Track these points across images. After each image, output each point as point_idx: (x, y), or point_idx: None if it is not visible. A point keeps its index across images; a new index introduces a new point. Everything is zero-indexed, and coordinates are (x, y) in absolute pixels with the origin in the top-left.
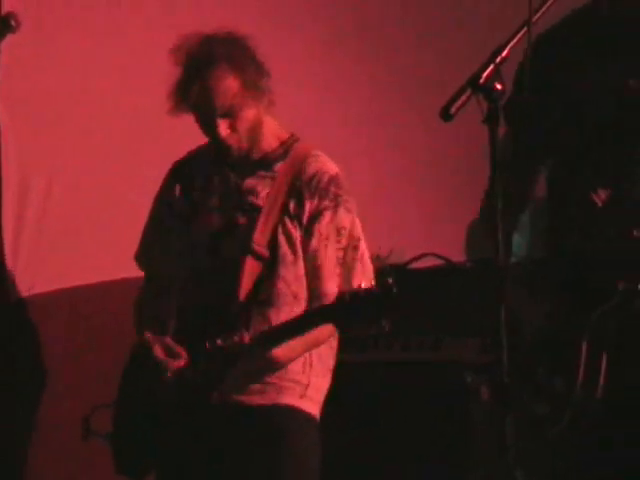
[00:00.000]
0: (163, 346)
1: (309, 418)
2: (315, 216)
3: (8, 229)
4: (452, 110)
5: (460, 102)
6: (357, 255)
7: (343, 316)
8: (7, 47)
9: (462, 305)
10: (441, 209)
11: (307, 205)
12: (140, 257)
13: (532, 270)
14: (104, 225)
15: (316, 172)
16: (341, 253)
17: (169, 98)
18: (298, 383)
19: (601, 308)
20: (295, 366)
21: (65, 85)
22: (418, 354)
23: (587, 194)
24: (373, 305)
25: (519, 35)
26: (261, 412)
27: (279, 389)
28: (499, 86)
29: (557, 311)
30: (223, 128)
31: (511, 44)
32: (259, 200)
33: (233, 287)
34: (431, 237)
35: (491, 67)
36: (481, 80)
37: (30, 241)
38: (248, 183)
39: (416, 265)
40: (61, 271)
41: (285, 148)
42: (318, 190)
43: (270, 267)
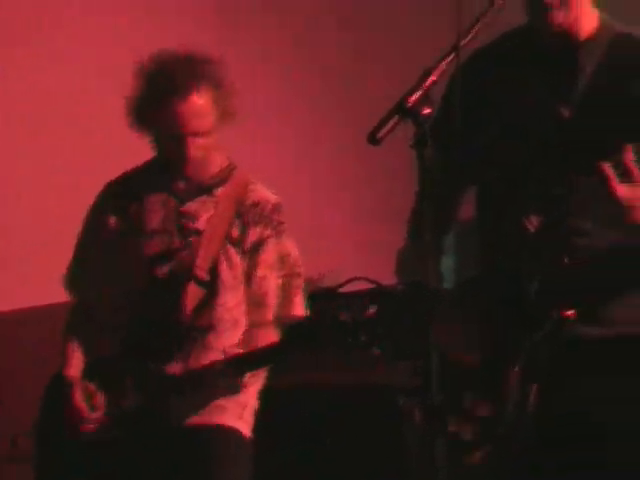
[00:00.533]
0: (84, 393)
1: (245, 439)
2: (259, 244)
3: None
4: (380, 135)
5: (388, 127)
6: (299, 282)
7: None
8: None
9: (393, 328)
10: (373, 233)
11: (250, 232)
12: (71, 278)
13: (464, 290)
14: (30, 251)
15: (259, 200)
16: (282, 280)
17: (131, 113)
18: (238, 404)
19: (533, 335)
20: None
21: None
22: (351, 377)
23: (520, 219)
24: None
25: (447, 59)
26: (203, 432)
27: (222, 410)
28: (427, 110)
29: (488, 334)
30: (193, 148)
31: (439, 68)
32: (199, 224)
33: (174, 311)
34: (363, 261)
35: (419, 91)
36: (409, 104)
37: None
38: (189, 207)
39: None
40: None
41: (225, 174)
42: (262, 218)
43: (211, 292)
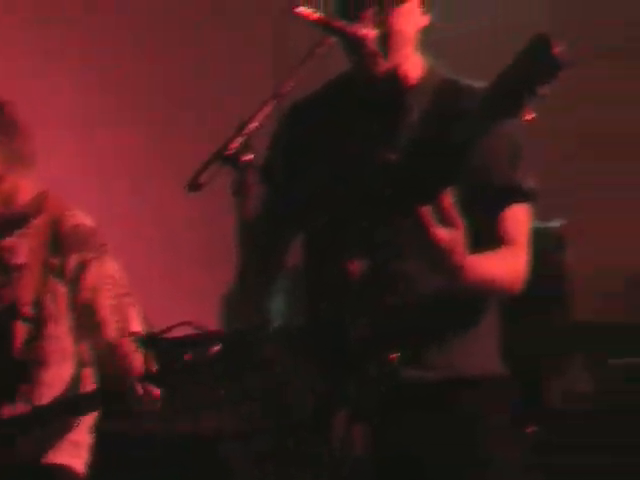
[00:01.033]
0: None
1: (79, 476)
2: (82, 269)
3: None
4: (200, 181)
5: (208, 173)
6: (129, 300)
7: None
8: None
9: (219, 374)
10: (197, 277)
11: (71, 259)
12: None
13: (291, 336)
14: None
15: (77, 225)
16: (114, 301)
17: None
18: (71, 442)
19: (357, 379)
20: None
21: None
22: (178, 426)
23: (343, 262)
24: None
25: (268, 106)
26: (39, 471)
27: (57, 448)
28: (247, 157)
29: (316, 378)
30: None
31: (260, 115)
32: (19, 258)
33: (3, 350)
34: (187, 306)
35: (239, 138)
36: (229, 152)
37: None
38: (5, 243)
39: (171, 334)
40: None
41: (38, 203)
42: (81, 243)
43: (37, 326)
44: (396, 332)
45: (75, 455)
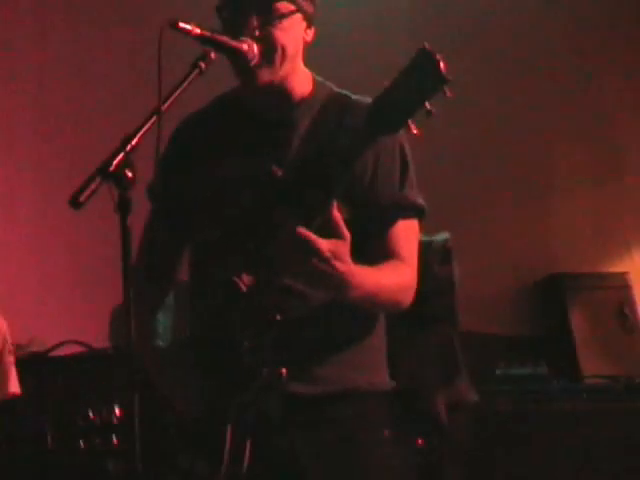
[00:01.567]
0: None
1: None
2: None
3: None
4: (81, 198)
5: (90, 190)
6: (12, 359)
7: None
8: None
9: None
10: (82, 295)
11: None
12: None
13: (178, 350)
14: None
15: None
16: None
17: None
18: None
19: (244, 393)
20: None
21: None
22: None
23: (231, 277)
24: None
25: (149, 123)
26: None
27: None
28: (130, 174)
29: (201, 393)
30: None
31: (141, 132)
32: None
33: None
34: (73, 324)
35: (121, 155)
36: (111, 168)
37: None
38: None
39: (57, 353)
40: None
41: None
42: None
43: None
44: (283, 346)
45: None
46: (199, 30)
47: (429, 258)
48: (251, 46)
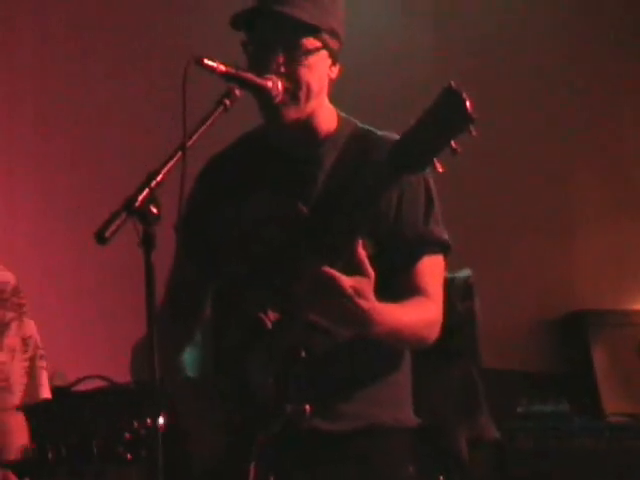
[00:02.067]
0: None
1: None
2: (2, 328)
3: None
4: (107, 234)
5: (115, 225)
6: (43, 364)
7: None
8: None
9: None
10: (104, 330)
11: None
12: None
13: (200, 386)
14: None
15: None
16: (27, 363)
17: None
18: None
19: (267, 430)
20: None
21: None
22: None
23: (256, 314)
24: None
25: (174, 159)
26: None
27: None
28: (155, 210)
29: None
30: None
31: (166, 168)
32: None
33: None
34: (95, 359)
35: (146, 191)
36: (137, 204)
37: None
38: None
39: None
40: None
41: None
42: (3, 301)
43: None
44: (308, 382)
45: None
46: (224, 67)
47: (452, 294)
48: (276, 83)
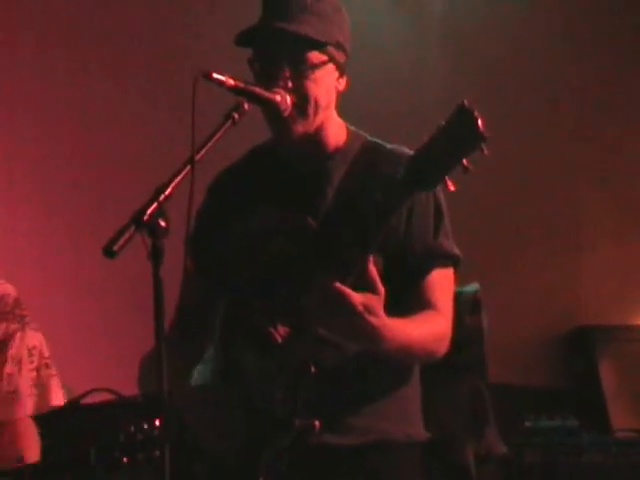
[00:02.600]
0: None
1: None
2: (6, 340)
3: None
4: (115, 247)
5: (123, 239)
6: (51, 371)
7: None
8: None
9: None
10: (112, 343)
11: None
12: None
13: (209, 394)
14: None
15: (1, 295)
16: (34, 374)
17: None
18: None
19: (276, 444)
20: None
21: None
22: None
23: (265, 328)
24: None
25: (182, 173)
26: None
27: None
28: (163, 223)
29: (237, 442)
30: None
31: (175, 182)
32: None
33: None
34: (102, 372)
35: (155, 205)
36: (145, 217)
37: None
38: None
39: (87, 401)
40: None
41: None
42: (5, 313)
43: None
44: (317, 397)
45: None
46: (232, 81)
47: (459, 309)
48: (284, 97)
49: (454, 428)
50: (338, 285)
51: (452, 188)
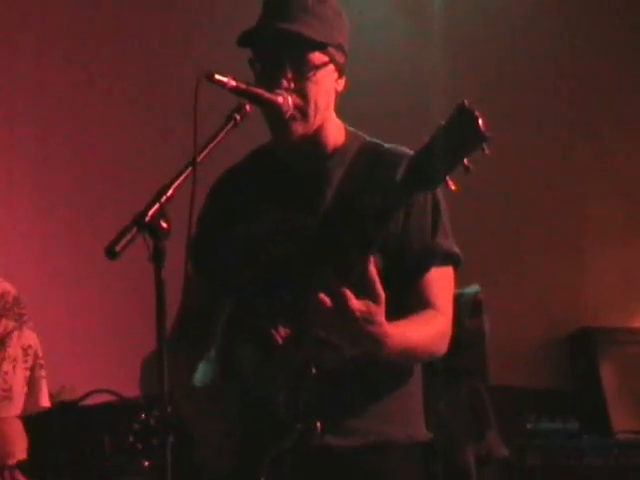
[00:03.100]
0: None
1: None
2: (3, 338)
3: None
4: (117, 248)
5: (125, 240)
6: (42, 373)
7: None
8: None
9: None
10: (114, 344)
11: None
12: None
13: (211, 393)
14: None
15: (1, 293)
16: (28, 373)
17: None
18: None
19: (277, 445)
20: None
21: None
22: None
23: (267, 329)
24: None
25: (184, 175)
26: None
27: None
28: (165, 224)
29: (237, 442)
30: None
31: (176, 184)
32: None
33: None
34: (103, 373)
35: (156, 206)
36: (147, 219)
37: None
38: None
39: (88, 402)
40: None
41: None
42: (4, 311)
43: None
44: (318, 399)
45: None
46: (234, 82)
47: (460, 311)
48: (286, 99)
49: (454, 431)
50: (338, 289)
51: (454, 188)
